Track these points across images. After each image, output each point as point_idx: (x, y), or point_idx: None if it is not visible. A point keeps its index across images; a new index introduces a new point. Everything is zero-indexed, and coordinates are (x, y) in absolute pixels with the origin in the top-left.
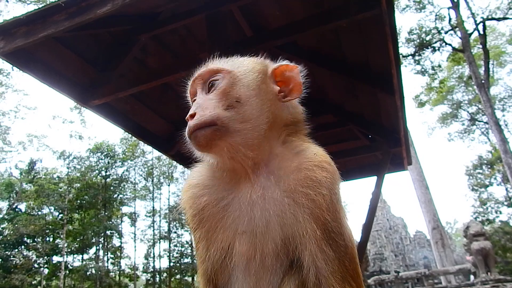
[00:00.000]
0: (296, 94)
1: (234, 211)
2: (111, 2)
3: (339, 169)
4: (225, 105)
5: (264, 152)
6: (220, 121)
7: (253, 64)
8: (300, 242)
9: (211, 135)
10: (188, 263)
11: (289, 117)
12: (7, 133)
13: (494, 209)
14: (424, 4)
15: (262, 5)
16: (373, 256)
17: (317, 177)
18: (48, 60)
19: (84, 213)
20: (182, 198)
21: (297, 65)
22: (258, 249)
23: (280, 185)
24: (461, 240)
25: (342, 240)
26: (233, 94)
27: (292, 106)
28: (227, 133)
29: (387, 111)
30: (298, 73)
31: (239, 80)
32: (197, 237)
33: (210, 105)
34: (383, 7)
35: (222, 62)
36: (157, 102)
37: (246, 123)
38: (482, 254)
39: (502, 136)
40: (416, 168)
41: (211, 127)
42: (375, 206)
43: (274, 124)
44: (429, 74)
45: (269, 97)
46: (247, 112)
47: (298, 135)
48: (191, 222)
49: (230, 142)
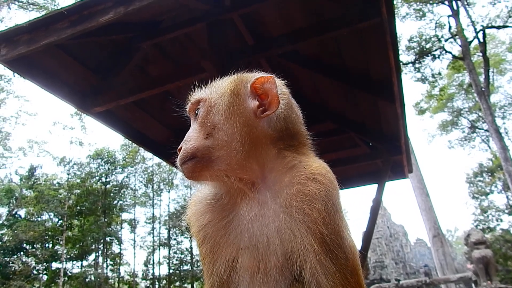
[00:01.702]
0: (274, 107)
1: (235, 228)
2: (113, 10)
3: (339, 177)
4: (205, 134)
5: (254, 170)
6: (200, 153)
7: (227, 86)
8: (300, 256)
9: (193, 168)
10: (187, 270)
11: (273, 132)
12: (8, 139)
13: (494, 217)
14: (424, 12)
15: (263, 14)
16: (373, 264)
17: (309, 191)
18: (50, 67)
19: (84, 220)
20: (187, 213)
21: (272, 75)
22: (261, 264)
23: (277, 200)
24: (462, 248)
25: (342, 252)
26: (209, 122)
27: (280, 119)
28: (208, 162)
29: (388, 119)
30: (273, 84)
31: (212, 107)
32: (203, 253)
33: (193, 137)
34: (383, 16)
35: (202, 91)
36: (158, 109)
37: (224, 149)
38: (483, 262)
39: (503, 143)
40: (417, 176)
41: (192, 160)
42: (376, 214)
43: (255, 142)
44: (429, 82)
45: (243, 117)
46: (222, 137)
47: (294, 148)
48: (196, 237)
49: (213, 170)
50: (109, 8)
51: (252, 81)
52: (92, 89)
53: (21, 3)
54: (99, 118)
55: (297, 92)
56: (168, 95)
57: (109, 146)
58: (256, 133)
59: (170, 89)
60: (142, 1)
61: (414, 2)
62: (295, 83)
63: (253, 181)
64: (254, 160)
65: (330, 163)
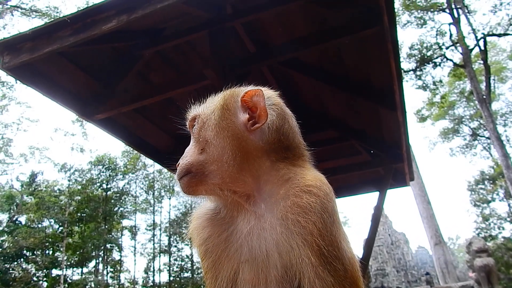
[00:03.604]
0: (263, 120)
1: (235, 242)
2: (116, 18)
3: (340, 184)
4: (199, 150)
5: (248, 183)
6: (194, 168)
7: (218, 102)
8: (298, 269)
9: (188, 183)
10: (188, 278)
11: (265, 145)
12: (9, 145)
13: (496, 225)
14: (425, 20)
15: (265, 22)
16: (374, 272)
17: (304, 203)
18: (52, 74)
19: (84, 226)
20: (189, 227)
21: (260, 88)
22: (262, 277)
23: (273, 213)
24: (463, 256)
25: (341, 264)
26: (202, 138)
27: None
28: (202, 177)
29: (389, 126)
30: (261, 97)
31: (204, 122)
32: (205, 267)
33: (189, 153)
34: (385, 24)
35: (198, 107)
36: (159, 116)
37: (216, 163)
38: (485, 270)
39: (504, 151)
40: (418, 183)
41: (187, 176)
42: (377, 222)
43: (247, 155)
44: (431, 89)
45: (232, 131)
46: (214, 152)
47: (288, 160)
48: (198, 251)
49: (207, 185)
50: (112, 16)
51: (241, 95)
52: (94, 96)
53: (23, 10)
54: (101, 125)
55: (299, 100)
56: (170, 102)
57: (110, 153)
58: (247, 146)
59: (172, 96)
60: (145, 9)
61: (415, 10)
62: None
63: (248, 193)
64: (247, 173)
65: (332, 170)
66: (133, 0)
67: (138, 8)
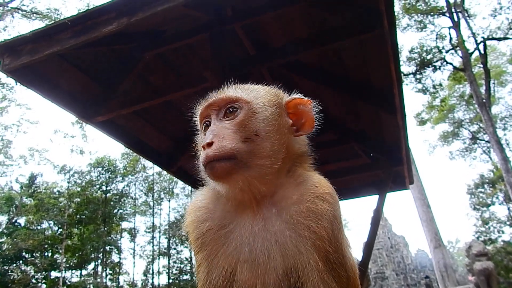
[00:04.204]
0: (308, 129)
1: (235, 239)
2: (116, 21)
3: (340, 187)
4: (243, 137)
5: (271, 186)
6: (240, 155)
7: (270, 96)
8: (302, 273)
9: (229, 169)
10: (187, 280)
11: (298, 150)
12: (9, 146)
13: (496, 228)
14: (425, 23)
15: (265, 24)
16: (374, 275)
17: (318, 209)
18: (52, 76)
19: (84, 228)
20: (185, 220)
21: (311, 100)
22: (260, 278)
23: (282, 216)
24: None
25: (344, 271)
26: (252, 127)
27: (300, 138)
28: (245, 167)
29: (389, 129)
30: (311, 108)
31: (257, 113)
32: (198, 260)
33: (228, 136)
34: (385, 27)
35: (239, 91)
36: (159, 119)
37: (265, 159)
38: (485, 274)
39: (504, 155)
40: (418, 186)
41: (231, 161)
42: (376, 225)
43: (286, 158)
44: (430, 93)
45: (285, 132)
46: (267, 148)
47: (301, 164)
48: (193, 245)
49: (246, 176)
50: (112, 18)
51: (289, 99)
52: (94, 98)
53: (24, 12)
54: (101, 127)
55: None
56: (170, 104)
57: (109, 155)
58: (290, 148)
59: (173, 98)
60: (145, 12)
61: (415, 14)
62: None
63: (264, 195)
64: (275, 175)
65: (331, 173)
66: (133, 3)
67: (139, 11)
